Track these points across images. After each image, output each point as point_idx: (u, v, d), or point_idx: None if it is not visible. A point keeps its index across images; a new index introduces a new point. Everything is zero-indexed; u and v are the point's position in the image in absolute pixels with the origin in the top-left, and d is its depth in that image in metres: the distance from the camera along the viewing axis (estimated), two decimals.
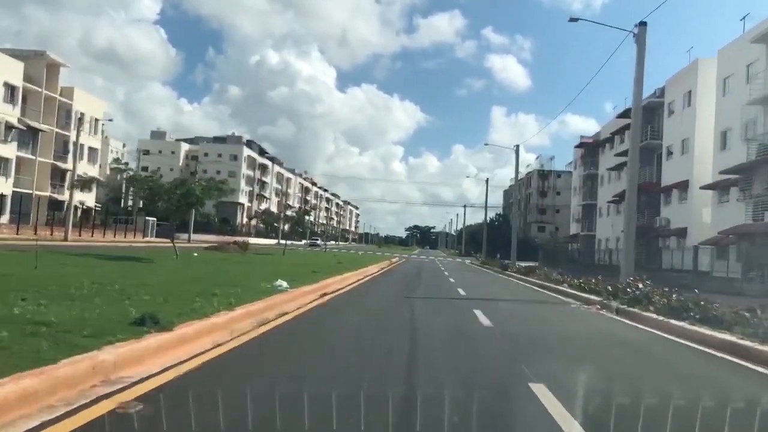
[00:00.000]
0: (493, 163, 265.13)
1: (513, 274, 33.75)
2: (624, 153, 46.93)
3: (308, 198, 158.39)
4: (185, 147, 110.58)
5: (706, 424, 4.19)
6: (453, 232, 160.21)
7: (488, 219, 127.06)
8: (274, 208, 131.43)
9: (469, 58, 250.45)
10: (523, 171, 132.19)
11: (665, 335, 10.22)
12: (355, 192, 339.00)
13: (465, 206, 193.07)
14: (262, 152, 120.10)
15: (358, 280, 20.42)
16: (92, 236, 43.62)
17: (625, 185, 49.30)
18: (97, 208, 58.26)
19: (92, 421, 3.65)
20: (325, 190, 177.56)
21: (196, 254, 28.73)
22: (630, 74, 26.50)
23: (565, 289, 20.90)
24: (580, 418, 4.28)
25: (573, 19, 19.84)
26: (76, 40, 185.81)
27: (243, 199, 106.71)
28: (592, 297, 17.12)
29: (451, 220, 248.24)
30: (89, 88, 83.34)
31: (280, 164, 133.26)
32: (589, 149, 58.42)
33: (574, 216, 65.08)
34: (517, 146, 38.53)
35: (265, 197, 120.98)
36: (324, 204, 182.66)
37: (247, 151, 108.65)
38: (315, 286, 14.27)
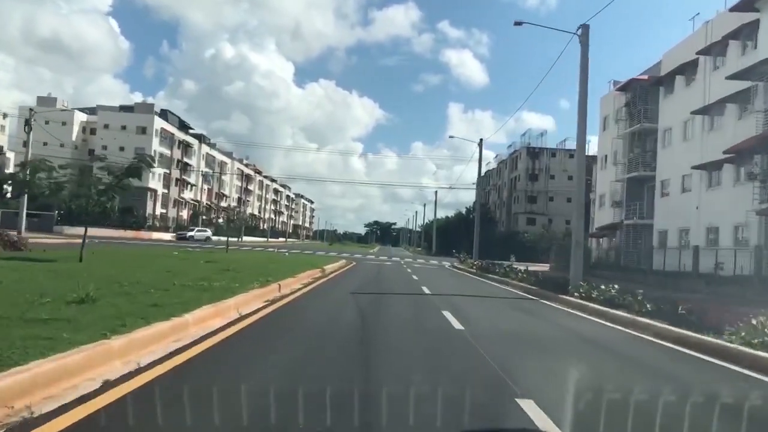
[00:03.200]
0: (452, 161, 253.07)
1: (609, 311, 13.09)
2: (744, 72, 25.37)
3: (250, 188, 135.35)
4: (81, 117, 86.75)
5: None
6: (417, 228, 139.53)
7: (458, 213, 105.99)
8: (203, 197, 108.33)
9: (426, 52, 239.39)
10: (485, 166, 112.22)
11: None
12: (314, 188, 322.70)
13: (436, 191, 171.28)
14: (184, 127, 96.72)
15: None
16: None
17: (738, 135, 24.04)
18: None
19: None
20: (273, 180, 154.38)
21: None
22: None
23: None
24: None
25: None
26: (19, 30, 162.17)
27: (155, 184, 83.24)
28: None
29: (417, 211, 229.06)
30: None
31: (212, 145, 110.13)
32: (641, 91, 37.36)
33: (606, 198, 44.52)
34: (585, 26, 17.86)
35: (188, 183, 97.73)
36: (271, 196, 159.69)
37: (160, 123, 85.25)
38: None
